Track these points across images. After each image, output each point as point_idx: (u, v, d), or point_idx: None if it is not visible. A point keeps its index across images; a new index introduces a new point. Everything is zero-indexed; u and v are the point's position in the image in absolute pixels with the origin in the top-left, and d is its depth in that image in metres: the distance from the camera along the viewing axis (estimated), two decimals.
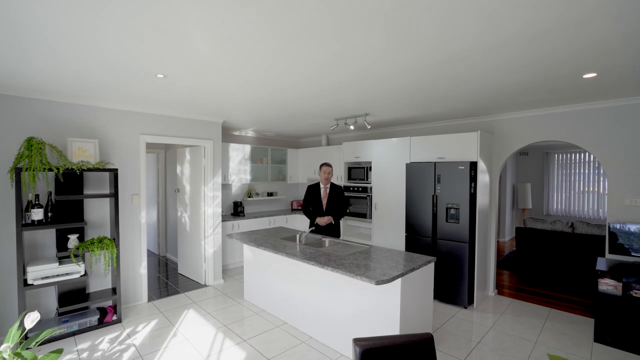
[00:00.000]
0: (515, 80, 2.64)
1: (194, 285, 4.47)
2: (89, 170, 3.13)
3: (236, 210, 5.59)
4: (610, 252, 3.26)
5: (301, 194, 6.96)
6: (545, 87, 2.85)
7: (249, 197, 5.92)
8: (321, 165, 3.92)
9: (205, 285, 4.44)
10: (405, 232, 4.25)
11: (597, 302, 2.99)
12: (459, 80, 2.68)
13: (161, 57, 2.19)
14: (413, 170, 4.16)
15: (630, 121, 3.23)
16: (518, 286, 4.51)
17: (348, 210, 5.16)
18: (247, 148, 5.70)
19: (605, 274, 3.00)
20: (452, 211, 3.80)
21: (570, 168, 7.37)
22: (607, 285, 2.97)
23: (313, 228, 3.51)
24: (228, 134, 5.78)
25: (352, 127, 4.34)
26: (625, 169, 3.28)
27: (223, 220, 4.95)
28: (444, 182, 3.87)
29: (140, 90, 3.03)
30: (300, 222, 6.08)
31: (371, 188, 4.93)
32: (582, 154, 7.15)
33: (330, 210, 3.84)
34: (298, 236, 3.35)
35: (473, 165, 3.72)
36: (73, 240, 3.15)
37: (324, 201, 3.88)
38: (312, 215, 3.83)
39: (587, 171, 7.13)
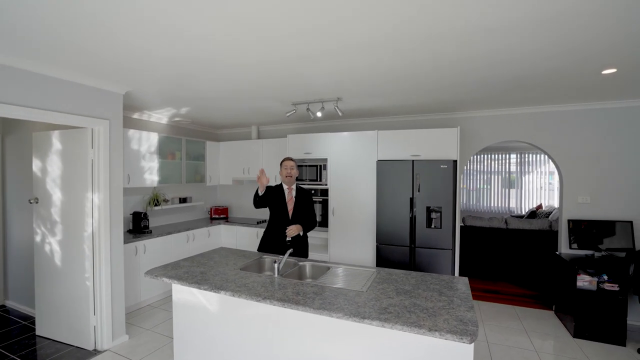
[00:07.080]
0: (547, 67, 2.34)
1: (76, 354, 2.74)
2: None
3: (138, 224, 3.91)
4: (571, 247, 3.45)
5: (222, 199, 5.60)
6: (558, 83, 2.68)
7: (156, 205, 4.27)
8: (282, 161, 2.95)
9: (97, 352, 2.77)
10: (376, 242, 3.66)
11: (575, 298, 3.05)
12: (493, 61, 2.21)
13: None
14: (385, 169, 3.60)
15: (585, 125, 3.48)
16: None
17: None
18: (154, 137, 4.07)
19: (579, 270, 3.10)
20: (434, 215, 3.41)
21: (469, 167, 8.35)
22: (584, 281, 3.07)
23: (291, 250, 2.49)
24: (124, 116, 3.99)
25: (319, 115, 3.46)
26: (578, 169, 3.52)
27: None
28: (423, 182, 3.44)
29: None
30: (226, 235, 4.79)
31: (327, 190, 4.16)
32: (484, 155, 8.18)
33: (298, 219, 2.91)
34: (276, 265, 2.29)
35: (454, 164, 3.42)
36: None
37: (290, 206, 2.91)
38: (261, 204, 2.81)
39: (485, 170, 8.22)
